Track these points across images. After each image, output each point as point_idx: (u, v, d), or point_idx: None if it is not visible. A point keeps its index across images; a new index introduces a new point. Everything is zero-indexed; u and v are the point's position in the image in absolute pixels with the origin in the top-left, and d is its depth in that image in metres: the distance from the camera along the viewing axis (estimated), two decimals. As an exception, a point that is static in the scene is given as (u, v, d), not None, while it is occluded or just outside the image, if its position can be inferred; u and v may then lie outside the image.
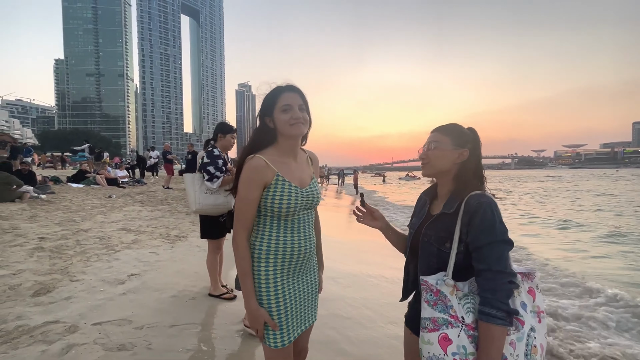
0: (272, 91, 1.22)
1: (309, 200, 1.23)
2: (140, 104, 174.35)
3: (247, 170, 1.16)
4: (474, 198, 1.05)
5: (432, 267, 1.09)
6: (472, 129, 1.16)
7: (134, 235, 4.96)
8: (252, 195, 1.14)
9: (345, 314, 2.97)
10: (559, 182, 39.14)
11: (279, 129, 1.19)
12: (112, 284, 3.15)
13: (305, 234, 1.24)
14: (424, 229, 1.14)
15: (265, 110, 1.21)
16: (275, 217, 1.18)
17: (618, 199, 17.97)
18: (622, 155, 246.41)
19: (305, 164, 1.32)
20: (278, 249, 1.19)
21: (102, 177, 11.28)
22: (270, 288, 1.17)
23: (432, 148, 1.14)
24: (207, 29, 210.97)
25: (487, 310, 0.97)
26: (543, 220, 11.07)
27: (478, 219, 1.02)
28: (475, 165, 1.13)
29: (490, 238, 1.00)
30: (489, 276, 0.99)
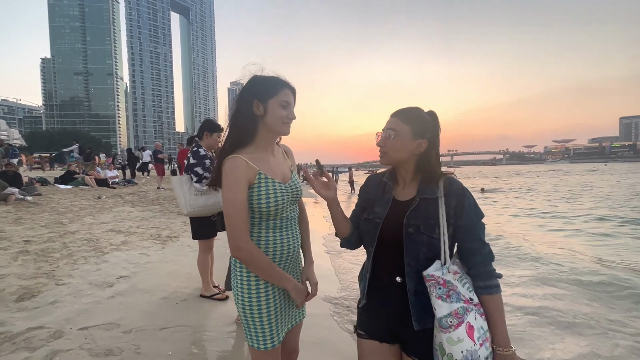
0: (275, 79, 1.15)
1: (293, 195, 1.21)
2: (131, 103, 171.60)
3: (228, 171, 1.08)
4: (453, 181, 1.07)
5: (421, 258, 1.03)
6: (432, 114, 1.11)
7: (124, 237, 4.85)
8: (240, 196, 1.07)
9: (338, 313, 2.94)
10: (572, 175, 38.36)
11: (268, 121, 1.13)
12: (100, 287, 3.07)
13: (293, 231, 1.20)
14: (407, 219, 1.05)
15: (258, 94, 1.12)
16: (264, 217, 1.13)
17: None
18: (609, 150, 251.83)
19: (282, 158, 1.28)
20: (268, 250, 1.14)
21: (92, 177, 11.06)
22: (260, 289, 1.12)
23: (390, 137, 1.08)
24: (197, 27, 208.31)
25: (494, 283, 1.02)
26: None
27: (467, 200, 1.04)
28: (435, 154, 1.10)
29: (478, 217, 1.06)
30: (483, 251, 1.04)
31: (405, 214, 1.07)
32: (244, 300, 1.12)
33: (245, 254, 1.07)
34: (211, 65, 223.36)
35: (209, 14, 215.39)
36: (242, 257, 1.07)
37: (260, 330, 1.12)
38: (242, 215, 1.06)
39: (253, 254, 1.07)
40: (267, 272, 1.10)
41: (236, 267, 1.15)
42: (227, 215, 1.06)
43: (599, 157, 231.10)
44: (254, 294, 1.12)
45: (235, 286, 1.16)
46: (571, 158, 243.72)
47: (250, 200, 1.10)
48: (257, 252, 1.08)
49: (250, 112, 1.13)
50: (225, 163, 1.10)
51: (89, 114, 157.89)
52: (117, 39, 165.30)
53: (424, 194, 1.07)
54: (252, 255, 1.07)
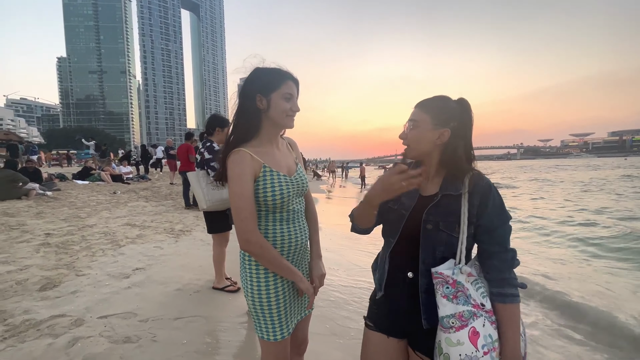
0: (274, 71, 1.14)
1: (299, 187, 1.20)
2: (143, 100, 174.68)
3: (233, 165, 1.08)
4: (480, 178, 1.00)
5: (437, 257, 0.99)
6: (461, 101, 1.03)
7: (139, 230, 4.99)
8: (248, 188, 1.07)
9: (346, 305, 2.97)
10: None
11: (272, 114, 1.13)
12: (118, 278, 3.18)
13: (300, 224, 1.20)
14: (426, 214, 1.01)
15: (262, 88, 1.11)
16: (270, 210, 1.13)
17: None
18: (630, 144, 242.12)
19: (287, 151, 1.28)
20: (275, 243, 1.14)
21: (107, 173, 11.36)
22: (269, 282, 1.13)
23: (411, 128, 1.04)
24: (207, 24, 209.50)
25: (510, 291, 0.96)
26: None
27: (491, 200, 0.98)
28: (463, 145, 1.02)
29: (503, 219, 0.99)
30: (504, 256, 0.98)
31: (425, 209, 1.02)
32: (253, 292, 1.13)
33: (255, 247, 1.07)
34: (221, 61, 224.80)
35: (219, 10, 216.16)
36: (252, 249, 1.08)
37: (270, 321, 1.13)
38: (250, 208, 1.06)
39: (262, 246, 1.08)
40: (276, 264, 1.10)
41: (245, 260, 1.16)
42: (235, 208, 1.06)
43: (618, 151, 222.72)
44: (263, 286, 1.13)
45: (244, 279, 1.17)
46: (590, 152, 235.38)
47: (256, 193, 1.10)
48: (266, 244, 1.09)
49: (253, 106, 1.12)
50: (230, 157, 1.10)
51: (104, 112, 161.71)
52: (129, 37, 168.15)
53: (446, 189, 1.02)
54: (261, 248, 1.07)
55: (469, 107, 1.04)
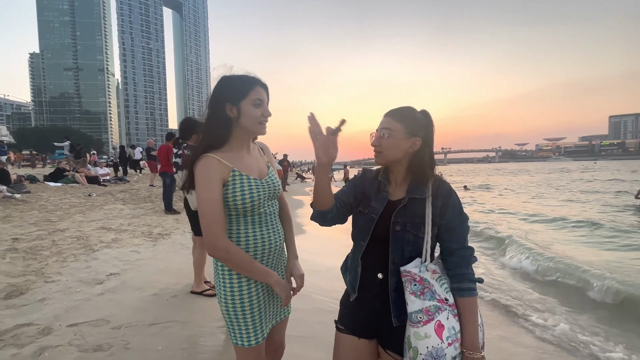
0: (241, 78, 1.13)
1: (271, 190, 1.20)
2: (123, 99, 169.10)
3: (200, 170, 1.07)
4: (442, 183, 1.10)
5: (405, 256, 1.06)
6: (425, 113, 1.11)
7: (115, 234, 4.83)
8: (215, 194, 1.06)
9: (328, 307, 2.99)
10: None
11: (243, 123, 1.12)
12: (90, 284, 3.06)
13: (274, 226, 1.20)
14: (394, 217, 1.08)
15: (230, 97, 1.11)
16: (241, 214, 1.13)
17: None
18: (599, 148, 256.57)
19: (259, 155, 1.28)
20: (249, 246, 1.13)
21: (82, 175, 10.91)
22: (242, 286, 1.12)
23: (384, 136, 1.08)
24: (190, 22, 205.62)
25: (467, 286, 1.04)
26: None
27: (452, 202, 1.07)
28: (428, 153, 1.11)
29: (461, 218, 1.08)
30: (462, 253, 1.07)
31: (393, 212, 1.08)
32: (226, 297, 1.12)
33: (223, 253, 1.06)
34: (204, 61, 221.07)
35: (202, 9, 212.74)
36: (220, 255, 1.07)
37: (243, 326, 1.12)
38: (217, 213, 1.05)
39: (229, 251, 1.07)
40: (247, 268, 1.10)
41: (217, 265, 1.15)
42: (202, 214, 1.05)
43: (588, 155, 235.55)
44: (237, 290, 1.12)
45: (217, 284, 1.16)
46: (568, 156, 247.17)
47: (225, 197, 1.10)
48: (235, 249, 1.08)
49: (223, 115, 1.12)
50: (197, 163, 1.09)
51: (80, 111, 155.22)
52: (108, 34, 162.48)
53: (413, 193, 1.08)
54: (229, 253, 1.07)
55: (432, 119, 1.13)
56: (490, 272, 4.78)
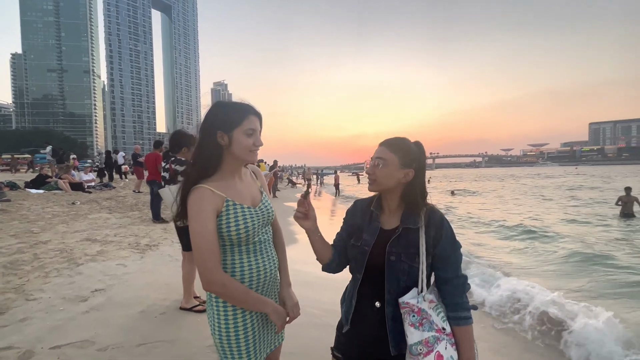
0: (239, 107, 1.12)
1: (264, 217, 1.19)
2: (109, 102, 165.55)
3: (193, 203, 1.05)
4: (434, 212, 1.12)
5: (401, 286, 1.07)
6: (418, 145, 1.15)
7: (100, 246, 4.69)
8: (209, 226, 1.04)
9: (321, 321, 2.97)
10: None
11: (234, 151, 1.11)
12: (74, 301, 2.96)
13: (268, 254, 1.19)
14: (389, 247, 1.09)
15: (223, 125, 1.09)
16: (235, 244, 1.11)
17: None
18: (580, 154, 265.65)
19: (251, 180, 1.26)
20: (244, 276, 1.12)
21: (66, 181, 10.59)
22: (237, 319, 1.11)
23: (379, 165, 1.11)
24: (180, 25, 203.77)
25: (464, 315, 1.07)
26: None
27: (444, 231, 1.09)
28: (420, 184, 1.14)
29: (454, 247, 1.10)
30: (456, 282, 1.08)
31: (388, 242, 1.10)
32: (221, 330, 1.10)
33: (218, 287, 1.05)
34: (194, 64, 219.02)
35: (192, 12, 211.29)
36: (215, 290, 1.05)
37: (237, 358, 1.11)
38: (212, 247, 1.03)
39: (225, 285, 1.05)
40: (243, 299, 1.08)
41: (211, 297, 1.13)
42: (196, 247, 1.03)
43: (569, 161, 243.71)
44: (231, 323, 1.10)
45: (210, 316, 1.14)
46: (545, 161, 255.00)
47: (219, 228, 1.08)
48: (230, 282, 1.06)
49: (214, 143, 1.10)
50: (190, 194, 1.07)
51: (64, 113, 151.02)
52: (94, 35, 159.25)
53: (406, 223, 1.10)
54: (224, 287, 1.05)
55: (424, 150, 1.16)
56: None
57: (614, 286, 4.71)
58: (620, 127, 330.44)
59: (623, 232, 8.76)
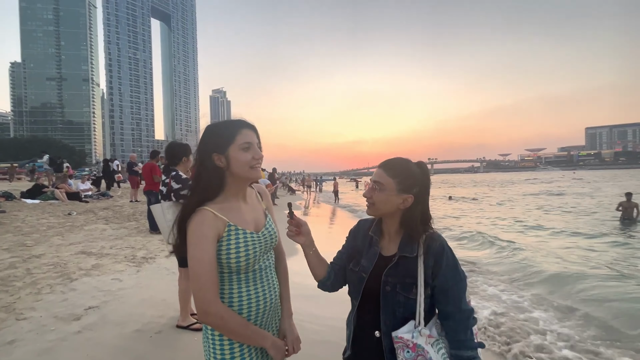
0: (229, 124, 1.06)
1: (267, 243, 1.13)
2: (108, 109, 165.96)
3: (194, 227, 0.99)
4: (434, 239, 1.04)
5: (397, 318, 1.00)
6: (422, 166, 1.07)
7: (95, 260, 4.58)
8: (209, 253, 0.98)
9: (321, 338, 2.87)
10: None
11: (234, 170, 1.05)
12: (66, 320, 2.85)
13: (269, 282, 1.12)
14: (384, 276, 1.02)
15: (215, 146, 1.04)
16: (234, 271, 1.05)
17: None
18: (577, 159, 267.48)
19: (256, 202, 1.19)
20: (242, 307, 1.05)
21: (62, 191, 10.48)
22: (235, 354, 1.04)
23: (376, 189, 1.05)
24: (179, 34, 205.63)
25: (467, 354, 0.97)
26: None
27: (444, 260, 1.01)
28: (421, 210, 1.05)
29: (456, 278, 1.01)
30: (459, 317, 1.00)
31: (384, 270, 1.04)
32: (216, 358, 1.04)
33: (215, 319, 0.98)
34: (193, 72, 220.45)
35: (191, 21, 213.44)
36: (212, 322, 0.99)
37: None
38: (211, 275, 0.97)
39: (223, 317, 0.98)
40: (241, 333, 1.01)
41: (207, 328, 1.07)
42: (194, 275, 0.97)
43: (567, 165, 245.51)
44: (228, 356, 1.04)
45: (206, 349, 1.07)
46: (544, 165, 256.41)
47: (218, 254, 1.02)
48: (228, 314, 0.99)
49: (212, 166, 1.05)
50: (191, 218, 1.02)
51: (62, 121, 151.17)
52: (93, 44, 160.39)
53: (404, 251, 1.04)
54: (222, 319, 0.98)
55: (428, 172, 1.09)
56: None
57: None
58: (616, 132, 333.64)
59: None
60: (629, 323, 3.71)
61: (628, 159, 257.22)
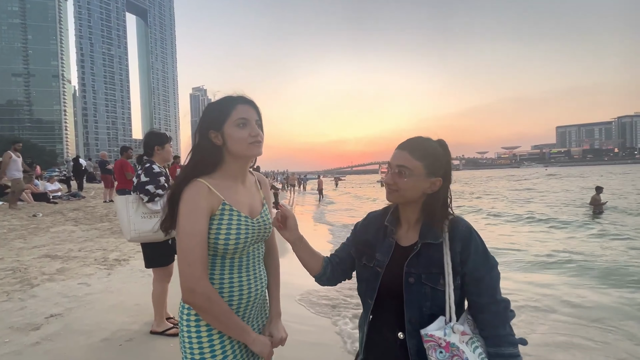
0: (221, 101, 1.00)
1: (261, 232, 1.05)
2: (80, 107, 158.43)
3: (188, 197, 0.92)
4: (459, 222, 0.94)
5: (424, 315, 0.89)
6: (443, 145, 0.98)
7: (61, 263, 4.22)
8: (200, 226, 0.91)
9: (310, 339, 2.73)
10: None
11: (230, 148, 0.98)
12: (23, 330, 2.56)
13: (255, 272, 1.04)
14: (407, 267, 0.92)
15: (211, 123, 0.98)
16: (219, 255, 0.97)
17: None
18: (549, 156, 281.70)
19: (255, 189, 1.12)
20: (223, 295, 0.96)
21: (28, 192, 9.77)
22: (215, 345, 0.94)
23: (403, 174, 0.93)
24: (156, 29, 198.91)
25: (508, 351, 0.85)
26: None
27: (473, 245, 0.91)
28: (445, 193, 0.97)
29: (488, 265, 0.91)
30: (495, 309, 0.89)
31: (405, 261, 0.92)
32: (202, 353, 0.93)
33: (201, 299, 0.89)
34: (171, 69, 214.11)
35: (169, 16, 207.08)
36: (197, 302, 0.90)
37: None
38: (202, 250, 0.90)
39: (210, 298, 0.90)
40: (224, 321, 0.93)
41: (183, 314, 0.98)
42: (183, 249, 0.89)
43: (539, 162, 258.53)
44: (207, 350, 0.93)
45: (182, 339, 0.97)
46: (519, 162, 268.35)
47: (208, 233, 0.94)
48: (216, 297, 0.92)
49: (210, 144, 0.99)
50: (185, 189, 0.94)
51: (30, 119, 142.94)
52: (64, 38, 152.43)
53: (426, 238, 0.93)
54: (209, 300, 0.90)
55: (449, 151, 0.99)
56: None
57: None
58: (584, 131, 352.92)
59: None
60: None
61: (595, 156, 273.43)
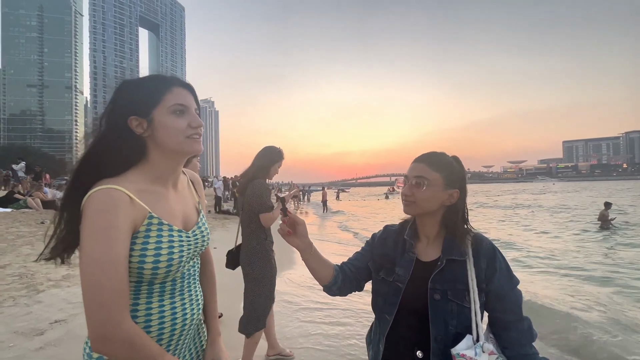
0: (155, 79, 0.79)
1: (197, 247, 0.87)
2: (91, 118, 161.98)
3: (97, 210, 0.68)
4: (483, 240, 0.96)
5: (450, 332, 0.88)
6: (458, 161, 1.00)
7: (67, 269, 4.27)
8: (118, 252, 0.68)
9: (322, 347, 2.72)
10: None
11: (160, 140, 0.76)
12: (28, 336, 2.60)
13: (191, 294, 0.85)
14: (431, 283, 0.91)
15: (134, 106, 0.76)
16: (145, 281, 0.75)
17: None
18: (556, 171, 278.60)
19: (188, 191, 0.92)
20: (150, 327, 0.76)
21: (36, 199, 9.97)
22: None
23: (422, 185, 0.94)
24: (167, 44, 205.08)
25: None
26: None
27: (498, 263, 0.92)
28: (463, 206, 0.98)
29: (512, 283, 0.93)
30: (521, 327, 0.90)
31: (430, 277, 0.92)
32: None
33: (122, 348, 0.66)
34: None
35: (180, 32, 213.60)
36: (114, 351, 0.66)
37: None
38: (119, 283, 0.67)
39: (134, 344, 0.67)
40: (149, 354, 0.70)
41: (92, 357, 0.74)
42: (91, 284, 0.66)
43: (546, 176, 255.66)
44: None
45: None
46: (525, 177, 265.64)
47: (130, 256, 0.72)
48: (141, 340, 0.69)
49: (127, 132, 0.76)
50: (91, 198, 0.69)
51: (42, 129, 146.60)
52: (78, 52, 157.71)
53: (450, 254, 0.93)
54: (132, 347, 0.67)
55: (464, 167, 1.02)
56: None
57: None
58: (592, 145, 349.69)
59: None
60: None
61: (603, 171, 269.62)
